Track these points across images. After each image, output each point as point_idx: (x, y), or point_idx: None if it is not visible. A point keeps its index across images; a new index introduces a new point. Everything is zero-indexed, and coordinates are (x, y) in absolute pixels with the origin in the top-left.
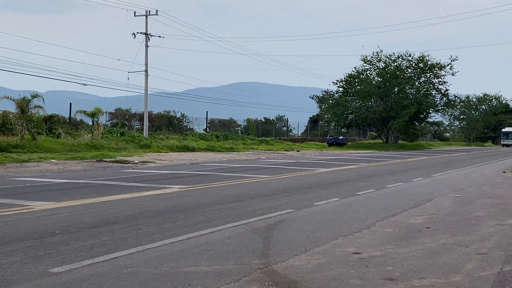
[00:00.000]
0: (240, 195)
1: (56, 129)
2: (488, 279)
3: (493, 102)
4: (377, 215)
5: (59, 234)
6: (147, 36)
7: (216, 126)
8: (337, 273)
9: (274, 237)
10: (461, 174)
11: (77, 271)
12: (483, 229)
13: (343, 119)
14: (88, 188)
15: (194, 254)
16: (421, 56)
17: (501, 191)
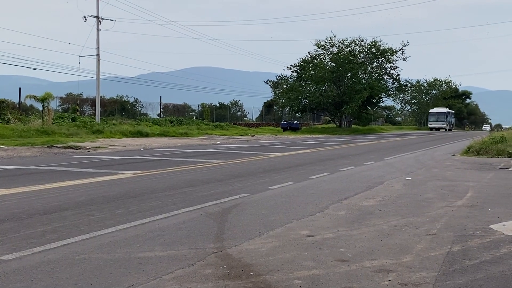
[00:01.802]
0: (194, 180)
1: (5, 114)
2: (437, 259)
3: (443, 87)
4: (330, 198)
5: (9, 221)
6: (98, 19)
7: (170, 111)
8: (291, 255)
9: (229, 222)
10: (412, 157)
11: (28, 258)
12: (432, 211)
13: (297, 104)
14: (38, 174)
15: (148, 240)
16: (373, 41)
17: (450, 174)
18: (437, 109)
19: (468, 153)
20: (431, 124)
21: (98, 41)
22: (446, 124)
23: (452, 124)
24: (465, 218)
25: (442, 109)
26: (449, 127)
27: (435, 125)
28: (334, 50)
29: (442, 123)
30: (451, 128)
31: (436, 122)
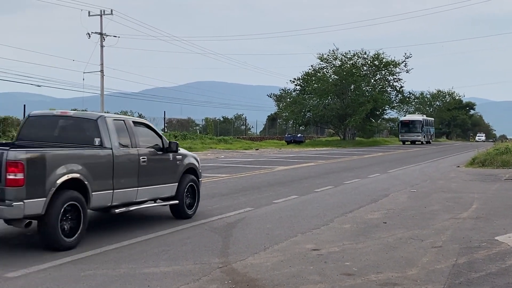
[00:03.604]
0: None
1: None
2: (443, 272)
3: (446, 98)
4: (335, 211)
5: (14, 238)
6: (102, 36)
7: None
8: (296, 270)
9: (234, 236)
10: (417, 170)
11: (34, 275)
12: (438, 223)
13: (301, 117)
14: None
15: (153, 255)
16: (376, 53)
17: (455, 185)
18: (410, 116)
19: (473, 164)
20: (402, 136)
21: (102, 57)
22: (422, 135)
23: (432, 135)
24: (471, 230)
25: (416, 117)
26: (427, 139)
27: (408, 136)
28: (337, 63)
29: (416, 134)
30: (430, 140)
31: (408, 133)
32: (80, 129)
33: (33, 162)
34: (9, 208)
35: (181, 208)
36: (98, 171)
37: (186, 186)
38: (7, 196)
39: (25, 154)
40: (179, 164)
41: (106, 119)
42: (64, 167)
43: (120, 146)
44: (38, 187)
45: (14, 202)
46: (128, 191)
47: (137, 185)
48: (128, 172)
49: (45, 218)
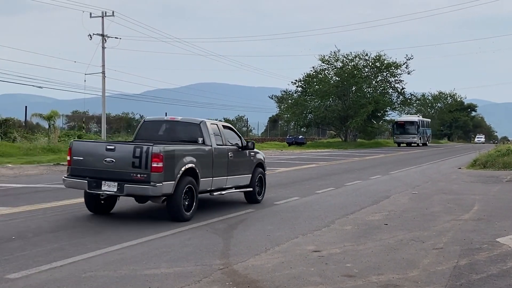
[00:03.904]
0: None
1: (11, 133)
2: (444, 274)
3: (448, 100)
4: (336, 213)
5: (15, 240)
6: (103, 38)
7: None
8: (297, 271)
9: (235, 237)
10: (418, 171)
11: (35, 276)
12: (439, 225)
13: (302, 119)
14: (45, 192)
15: (154, 257)
16: (377, 55)
17: (457, 187)
18: (406, 117)
19: (474, 166)
20: (397, 138)
21: (103, 58)
22: (418, 137)
23: (428, 137)
24: (472, 231)
25: (412, 118)
26: (424, 141)
27: (403, 138)
28: (338, 65)
29: (412, 136)
30: (426, 142)
31: (404, 135)
32: (187, 130)
33: (168, 155)
34: (153, 188)
35: (253, 194)
36: (204, 163)
37: (257, 177)
38: (152, 179)
39: (164, 148)
40: (253, 159)
41: (206, 123)
42: (185, 159)
43: (216, 144)
44: (170, 173)
45: (157, 184)
46: (221, 179)
47: (227, 175)
48: (221, 164)
49: (173, 196)
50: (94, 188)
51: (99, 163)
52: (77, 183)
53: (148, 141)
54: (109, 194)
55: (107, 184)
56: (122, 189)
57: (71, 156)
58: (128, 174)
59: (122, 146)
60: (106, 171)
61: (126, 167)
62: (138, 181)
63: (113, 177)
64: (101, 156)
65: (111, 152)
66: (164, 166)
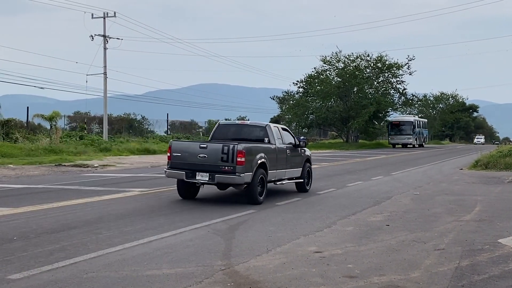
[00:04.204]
0: (201, 196)
1: (13, 133)
2: (446, 274)
3: (450, 101)
4: (338, 213)
5: (17, 240)
6: (105, 38)
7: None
8: (299, 272)
9: (236, 238)
10: (420, 172)
11: (36, 277)
12: (441, 225)
13: (304, 119)
14: (46, 193)
15: (156, 257)
16: (379, 56)
17: (458, 188)
18: (401, 117)
19: (476, 167)
20: (392, 139)
21: (105, 59)
22: (414, 137)
23: (425, 138)
24: (474, 232)
25: (407, 118)
26: (420, 142)
27: (398, 139)
28: (340, 66)
29: (407, 137)
30: (423, 143)
31: (399, 135)
32: (254, 132)
33: (248, 151)
34: (238, 177)
35: (303, 185)
36: (270, 158)
37: (306, 170)
38: (237, 171)
39: (245, 146)
40: (303, 155)
41: (270, 126)
42: (259, 155)
43: (278, 143)
44: (249, 166)
45: (241, 174)
46: (282, 171)
47: (285, 168)
48: (282, 159)
49: (251, 184)
50: (190, 177)
51: (194, 158)
52: (177, 174)
53: (223, 141)
54: (202, 183)
55: (200, 174)
56: (213, 178)
57: (171, 153)
58: (218, 167)
59: (212, 144)
60: (199, 164)
61: (216, 161)
62: (226, 172)
63: (205, 169)
64: (195, 153)
65: (204, 150)
66: (245, 160)
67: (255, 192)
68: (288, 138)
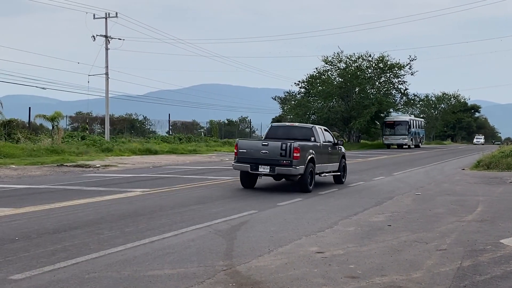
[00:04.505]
0: (203, 197)
1: (15, 134)
2: (448, 275)
3: (451, 101)
4: (339, 214)
5: (19, 241)
6: (107, 39)
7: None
8: (301, 272)
9: (238, 239)
10: (421, 172)
11: (38, 277)
12: (443, 226)
13: (305, 120)
14: (48, 193)
15: (157, 258)
16: (380, 56)
17: (460, 188)
18: (396, 117)
19: (478, 167)
20: (386, 139)
21: (107, 60)
22: (409, 138)
23: (421, 138)
24: (476, 233)
25: (402, 117)
26: (416, 142)
27: (393, 140)
28: (341, 66)
29: (402, 137)
30: (419, 144)
31: (393, 136)
32: (302, 132)
33: (302, 148)
34: (294, 169)
35: (339, 177)
36: (317, 154)
37: (342, 165)
38: (293, 164)
39: (300, 144)
40: (340, 152)
41: (316, 127)
42: (309, 151)
43: (321, 141)
44: (302, 160)
45: (296, 167)
46: (324, 165)
47: (327, 162)
48: (324, 155)
49: (303, 175)
50: (254, 169)
51: (257, 154)
52: (243, 167)
53: (276, 140)
54: (264, 174)
55: (262, 167)
56: (274, 170)
57: (237, 149)
58: (277, 161)
59: (272, 142)
60: (262, 159)
61: (276, 156)
62: (284, 165)
63: (267, 163)
64: (258, 149)
65: (265, 147)
66: (300, 155)
67: (307, 182)
68: (328, 137)
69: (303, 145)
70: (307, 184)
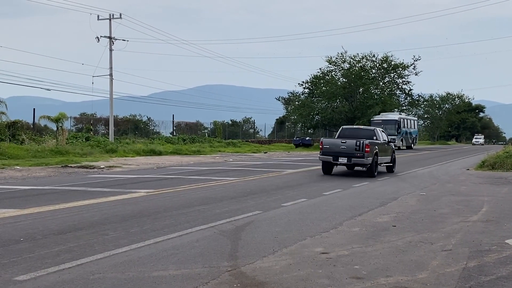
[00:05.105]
0: (208, 198)
1: (19, 135)
2: (453, 275)
3: (456, 101)
4: (344, 214)
5: (24, 242)
6: (111, 40)
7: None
8: (305, 273)
9: (242, 239)
10: (426, 172)
11: (43, 278)
12: (448, 226)
13: (309, 120)
14: (53, 194)
15: (162, 258)
16: (384, 56)
17: (465, 188)
18: (384, 115)
19: (482, 167)
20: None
21: (111, 61)
22: (399, 138)
23: (414, 139)
24: (481, 233)
25: (391, 116)
26: (407, 143)
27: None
28: (345, 66)
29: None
30: (412, 145)
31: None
32: (367, 132)
33: (371, 144)
34: (366, 160)
35: (391, 167)
36: (379, 149)
37: (393, 158)
38: (365, 156)
39: (369, 141)
40: (391, 148)
41: (377, 129)
42: (375, 146)
43: (381, 140)
44: (371, 154)
45: (367, 158)
46: (382, 158)
47: (384, 156)
48: (383, 150)
49: (371, 165)
50: (335, 160)
51: (337, 149)
52: (327, 158)
53: (347, 138)
54: (343, 164)
55: (341, 159)
56: (350, 160)
57: (323, 145)
58: (353, 154)
59: (349, 140)
60: (341, 152)
61: (352, 150)
62: (358, 157)
63: (345, 155)
64: (338, 145)
65: (343, 143)
66: (369, 150)
67: (373, 169)
68: (384, 137)
69: (371, 142)
70: (373, 171)
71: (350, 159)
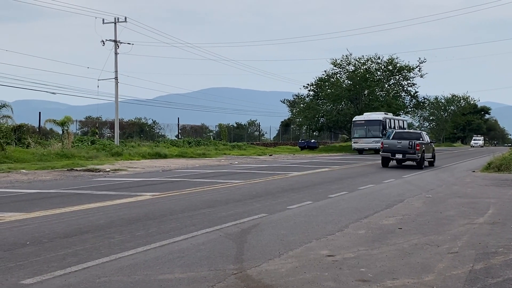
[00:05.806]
0: (213, 200)
1: (25, 138)
2: (460, 278)
3: (461, 103)
4: (349, 217)
5: (30, 245)
6: (116, 43)
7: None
8: (311, 276)
9: (248, 242)
10: (432, 174)
11: (49, 282)
12: (454, 229)
13: (314, 123)
14: (59, 197)
15: (168, 262)
16: (390, 58)
17: (471, 190)
18: (368, 115)
19: (488, 169)
20: (355, 143)
21: (116, 64)
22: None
23: None
24: (487, 235)
25: (374, 115)
26: None
27: (364, 143)
28: (350, 68)
29: (374, 139)
30: None
31: (364, 138)
32: (415, 135)
33: (420, 144)
34: (417, 156)
35: (432, 162)
36: (425, 148)
37: (433, 155)
38: (416, 153)
39: (419, 141)
40: (432, 147)
41: (422, 132)
42: (422, 145)
43: (426, 140)
44: (420, 150)
45: (418, 154)
46: (426, 154)
47: (427, 153)
48: (427, 148)
49: (420, 159)
50: (392, 156)
51: (394, 147)
52: (386, 155)
53: (398, 139)
54: (399, 159)
55: (397, 155)
56: (405, 156)
57: (383, 145)
58: (407, 151)
59: (403, 141)
60: (397, 150)
61: (406, 149)
62: (411, 153)
63: (400, 152)
64: (395, 145)
65: (399, 143)
66: (419, 148)
67: (422, 163)
68: (427, 138)
69: (420, 142)
70: (422, 164)
71: (405, 155)
